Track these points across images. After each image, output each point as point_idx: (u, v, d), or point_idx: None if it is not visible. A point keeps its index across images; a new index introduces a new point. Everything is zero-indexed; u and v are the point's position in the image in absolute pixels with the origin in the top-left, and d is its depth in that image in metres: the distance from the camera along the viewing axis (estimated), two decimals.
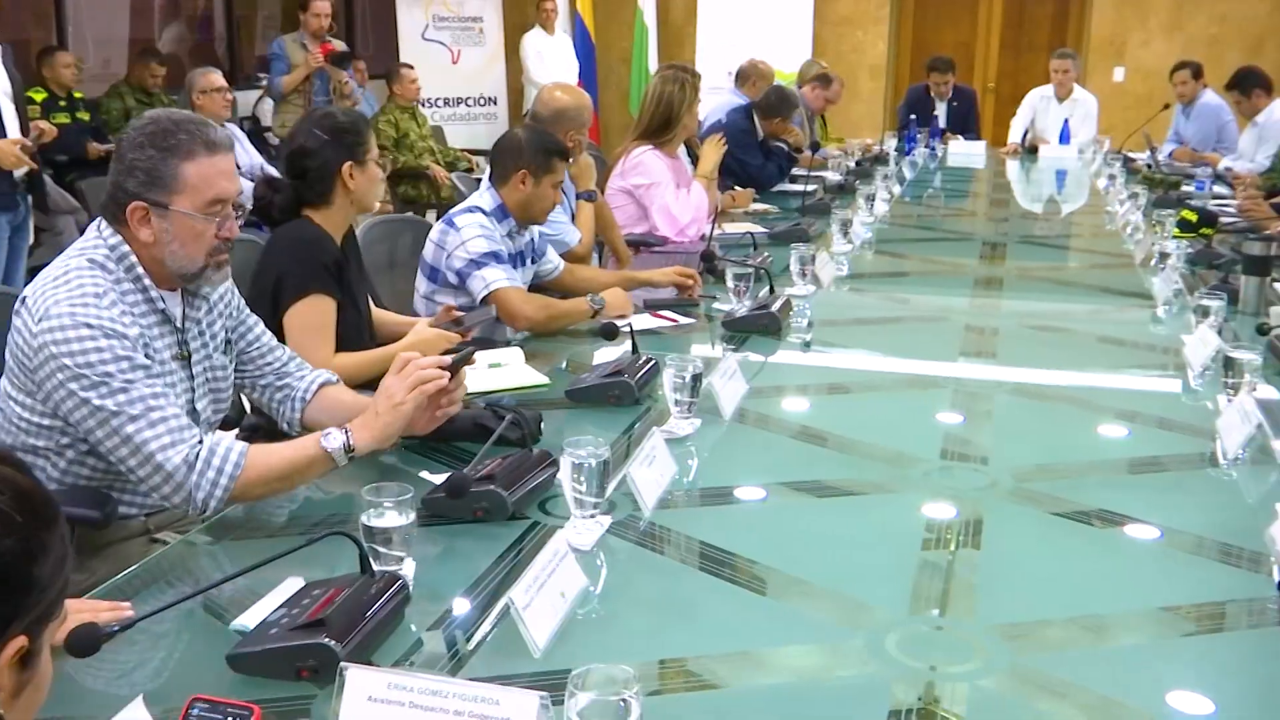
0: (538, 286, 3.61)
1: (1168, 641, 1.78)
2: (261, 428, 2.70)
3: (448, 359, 2.19)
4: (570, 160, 4.17)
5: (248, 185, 3.41)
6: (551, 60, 9.67)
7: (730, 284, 3.41)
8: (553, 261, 3.69)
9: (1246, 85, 7.06)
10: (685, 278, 3.62)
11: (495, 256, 3.32)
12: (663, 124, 4.80)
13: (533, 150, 3.41)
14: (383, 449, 2.17)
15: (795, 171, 6.31)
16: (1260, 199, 5.54)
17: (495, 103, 10.31)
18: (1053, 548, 2.12)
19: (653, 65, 9.81)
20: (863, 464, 2.48)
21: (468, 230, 3.33)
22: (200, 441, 2.03)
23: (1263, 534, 1.99)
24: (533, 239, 3.59)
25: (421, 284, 3.46)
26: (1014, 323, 3.76)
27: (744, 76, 7.09)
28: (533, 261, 3.60)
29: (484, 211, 3.39)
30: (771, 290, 3.52)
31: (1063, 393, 3.01)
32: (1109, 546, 2.12)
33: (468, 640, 1.69)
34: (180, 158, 2.09)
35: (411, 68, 8.38)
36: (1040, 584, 1.96)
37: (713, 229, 4.31)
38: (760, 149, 6.18)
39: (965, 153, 7.98)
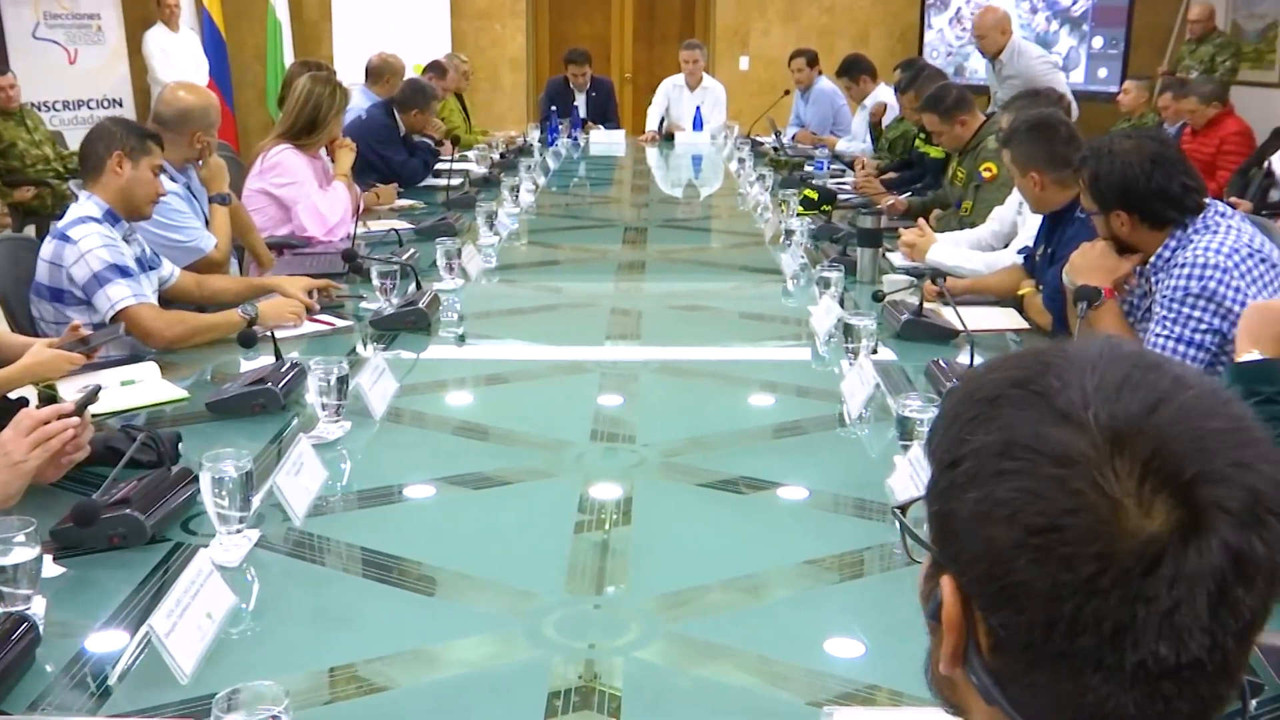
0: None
1: (817, 592, 1.91)
2: None
3: (70, 405, 2.05)
4: (200, 163, 3.99)
5: None
6: (178, 58, 9.19)
7: (376, 282, 3.35)
8: (168, 269, 3.49)
9: (855, 72, 7.60)
10: (310, 288, 3.51)
11: (120, 270, 3.09)
12: (308, 126, 4.65)
13: (124, 133, 3.22)
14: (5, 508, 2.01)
15: (440, 166, 6.28)
16: (873, 176, 6.00)
17: (120, 104, 9.69)
18: (702, 517, 2.22)
19: (289, 62, 9.49)
20: (519, 452, 2.51)
21: (86, 241, 3.08)
22: None
23: (884, 485, 2.17)
24: (143, 246, 3.37)
25: (45, 309, 3.15)
26: (658, 304, 3.89)
27: (375, 73, 6.94)
28: (151, 269, 3.38)
29: (95, 220, 3.14)
30: (418, 286, 3.49)
31: (706, 368, 3.15)
32: (756, 511, 2.25)
33: (111, 674, 1.59)
34: None
35: (6, 71, 7.71)
36: (693, 553, 2.05)
37: (356, 227, 4.23)
38: (403, 144, 6.12)
39: (606, 142, 8.18)
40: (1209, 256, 2.68)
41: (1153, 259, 2.82)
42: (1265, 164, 6.97)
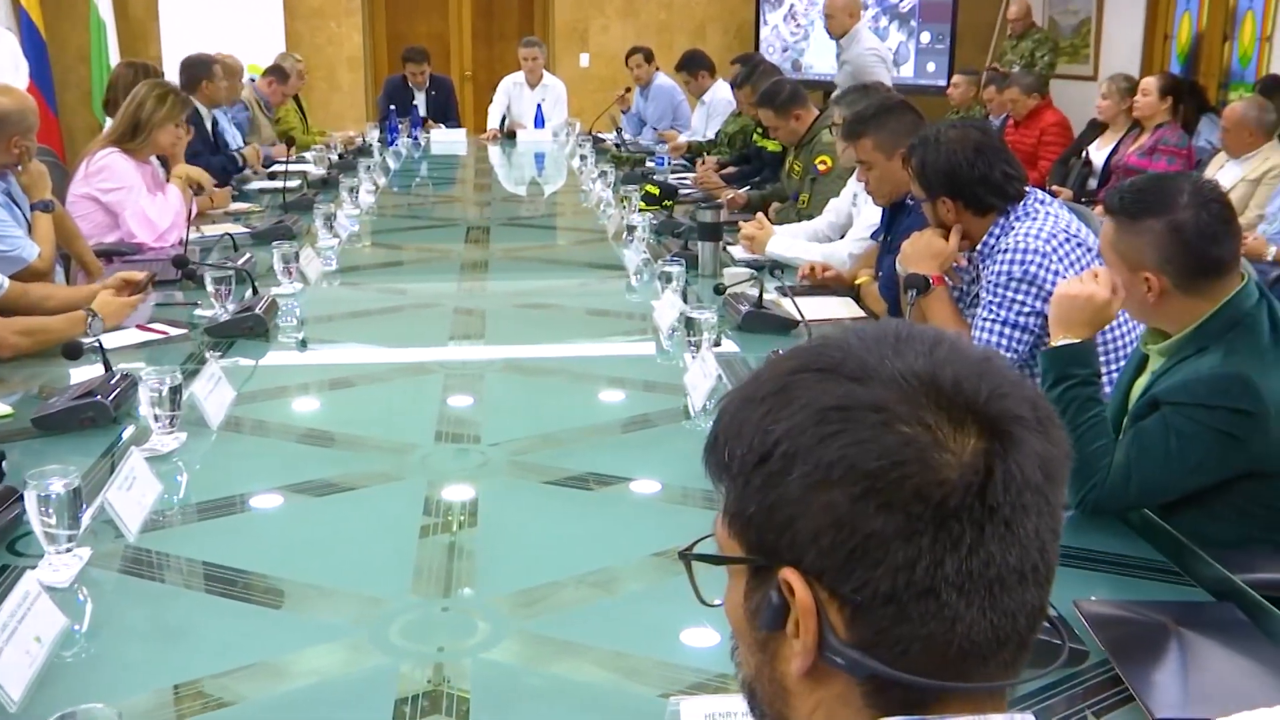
0: None
1: (670, 584, 1.91)
2: None
3: None
4: (19, 168, 3.83)
5: None
6: None
7: (210, 288, 3.27)
8: None
9: (693, 67, 7.70)
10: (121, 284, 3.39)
11: None
12: (132, 129, 4.49)
13: None
14: None
15: (276, 168, 6.15)
16: (713, 170, 6.08)
17: None
18: (552, 514, 2.22)
19: (115, 63, 9.14)
20: (364, 457, 2.48)
21: None
22: None
23: None
24: None
25: None
26: (502, 303, 3.88)
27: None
28: None
29: None
30: (255, 291, 3.41)
31: (552, 365, 3.15)
32: (606, 506, 2.26)
33: None
34: None
35: None
36: (543, 551, 2.05)
37: (188, 233, 4.11)
38: (207, 145, 5.95)
39: (447, 140, 8.11)
40: (1029, 242, 2.79)
41: (979, 246, 2.93)
42: (1083, 153, 7.29)
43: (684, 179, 6.10)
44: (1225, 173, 5.74)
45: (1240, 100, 6.02)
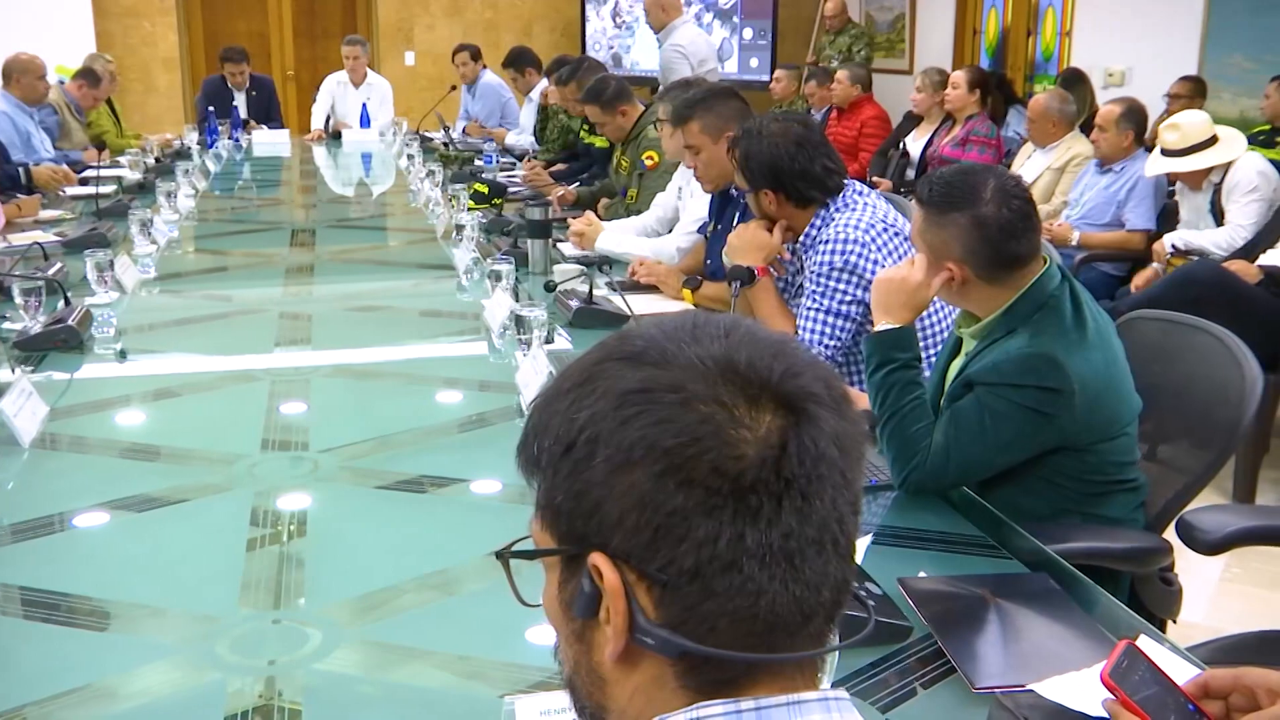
0: None
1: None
2: None
3: None
4: None
5: None
6: None
7: (19, 300, 3.12)
8: None
9: (520, 64, 7.69)
10: None
11: None
12: None
13: None
14: None
15: (88, 173, 5.91)
16: (540, 168, 6.08)
17: None
18: (386, 519, 2.19)
19: None
20: (187, 469, 2.40)
21: None
22: None
23: None
24: None
25: None
26: (330, 306, 3.81)
27: (5, 74, 6.46)
28: None
29: None
30: (67, 302, 3.28)
31: (384, 368, 3.11)
32: (443, 508, 2.24)
33: None
34: None
35: None
36: (378, 556, 2.02)
37: None
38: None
39: (270, 142, 7.93)
40: (848, 232, 2.87)
41: (802, 237, 3.00)
42: (901, 145, 7.53)
43: (513, 177, 6.08)
44: (1032, 162, 6.01)
45: (1044, 92, 6.30)
